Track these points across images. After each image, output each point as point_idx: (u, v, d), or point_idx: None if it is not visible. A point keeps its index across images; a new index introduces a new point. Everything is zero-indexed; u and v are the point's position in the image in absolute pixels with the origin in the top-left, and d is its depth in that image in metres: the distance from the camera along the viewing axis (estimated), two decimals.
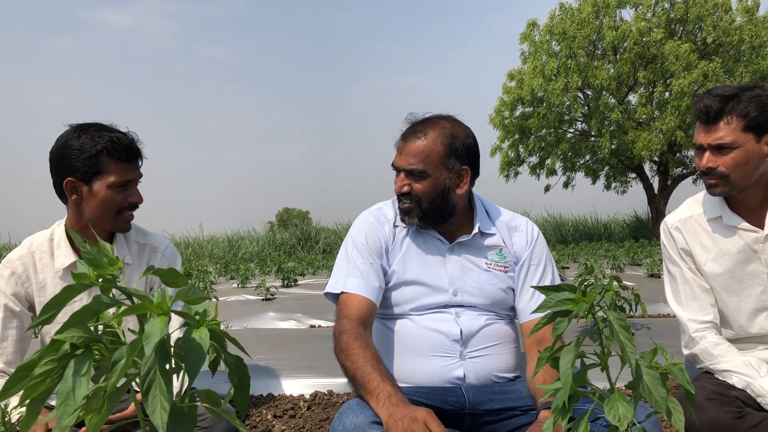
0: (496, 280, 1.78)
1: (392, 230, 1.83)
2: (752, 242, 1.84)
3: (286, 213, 39.28)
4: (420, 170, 1.72)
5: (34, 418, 0.70)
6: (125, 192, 1.80)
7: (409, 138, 1.75)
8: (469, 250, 1.81)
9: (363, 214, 1.89)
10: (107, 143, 1.75)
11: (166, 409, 0.63)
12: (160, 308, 0.67)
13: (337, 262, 1.82)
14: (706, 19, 18.37)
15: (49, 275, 1.85)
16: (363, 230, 1.82)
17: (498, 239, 1.83)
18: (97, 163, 1.75)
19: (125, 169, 1.79)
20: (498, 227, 1.86)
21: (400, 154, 1.76)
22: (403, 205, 1.77)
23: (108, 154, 1.76)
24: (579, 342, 0.86)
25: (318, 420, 2.46)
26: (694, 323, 1.87)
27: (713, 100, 1.74)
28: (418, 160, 1.72)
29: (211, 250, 22.34)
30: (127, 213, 1.84)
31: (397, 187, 1.76)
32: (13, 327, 1.81)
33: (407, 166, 1.73)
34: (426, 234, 1.81)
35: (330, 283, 1.78)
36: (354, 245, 1.80)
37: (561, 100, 19.09)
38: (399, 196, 1.78)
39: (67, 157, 1.75)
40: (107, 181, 1.76)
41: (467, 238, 1.80)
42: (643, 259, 10.33)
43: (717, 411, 1.64)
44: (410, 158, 1.73)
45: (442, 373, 1.67)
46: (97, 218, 1.80)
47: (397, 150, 1.78)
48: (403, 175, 1.76)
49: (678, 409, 0.86)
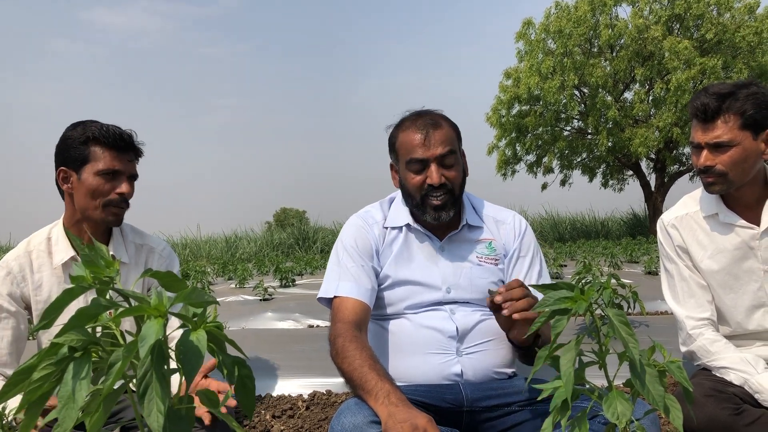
0: (487, 274, 1.78)
1: (382, 231, 1.82)
2: (749, 239, 1.84)
3: (284, 213, 39.26)
4: (452, 151, 1.71)
5: (33, 421, 0.70)
6: (113, 182, 1.82)
7: (428, 128, 1.71)
8: (460, 246, 1.81)
9: (351, 218, 1.89)
10: (95, 131, 1.79)
11: (162, 412, 0.63)
12: (157, 310, 0.67)
13: (329, 267, 1.81)
14: (705, 16, 18.40)
15: (45, 274, 1.85)
16: (352, 233, 1.82)
17: (487, 232, 1.84)
18: (86, 150, 1.79)
19: (113, 158, 1.81)
20: (485, 220, 1.87)
21: (427, 146, 1.69)
22: (438, 200, 1.71)
23: (95, 140, 1.80)
24: (579, 340, 0.86)
25: (316, 420, 2.46)
26: (692, 320, 1.88)
27: (710, 99, 1.74)
28: (448, 143, 1.71)
29: (208, 250, 22.34)
30: (115, 207, 1.83)
31: (436, 179, 1.68)
32: (8, 327, 1.80)
33: (442, 152, 1.69)
34: (416, 233, 1.81)
35: (322, 288, 1.78)
36: (344, 249, 1.79)
37: (557, 98, 19.11)
38: (430, 192, 1.71)
39: (62, 149, 1.81)
40: (95, 168, 1.79)
41: (456, 232, 1.81)
42: (641, 257, 10.36)
43: (715, 408, 1.65)
44: (440, 146, 1.69)
45: (440, 370, 1.67)
46: (84, 208, 1.82)
47: (416, 144, 1.71)
48: (435, 165, 1.70)
49: (676, 407, 0.86)
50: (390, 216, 1.85)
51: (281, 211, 40.07)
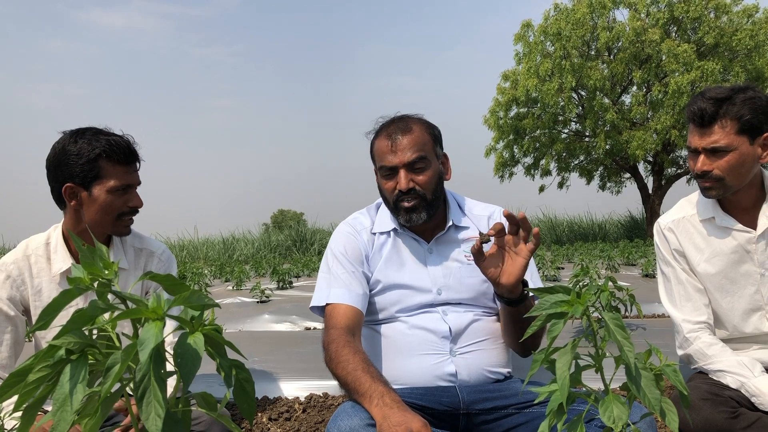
0: (477, 273, 1.78)
1: (370, 237, 1.84)
2: (745, 242, 1.85)
3: (281, 215, 39.26)
4: (422, 157, 1.72)
5: (29, 424, 0.70)
6: (125, 196, 1.80)
7: (397, 134, 1.74)
8: (448, 246, 1.82)
9: (340, 225, 1.90)
10: (105, 146, 1.74)
11: (160, 416, 0.63)
12: (155, 313, 0.67)
13: (320, 276, 1.82)
14: (703, 19, 18.45)
15: (45, 279, 1.84)
16: (341, 240, 1.83)
17: (473, 231, 1.85)
18: (96, 167, 1.74)
19: (124, 173, 1.79)
20: (472, 219, 1.88)
21: (395, 152, 1.72)
22: (408, 203, 1.73)
23: (107, 157, 1.75)
24: (575, 344, 0.86)
25: (313, 422, 2.46)
26: (688, 324, 1.88)
27: (707, 103, 1.74)
28: (417, 149, 1.72)
29: (206, 252, 22.30)
30: (127, 218, 1.83)
31: (404, 185, 1.71)
32: (8, 331, 1.80)
33: (409, 159, 1.71)
34: (404, 237, 1.82)
35: (314, 297, 1.79)
36: (334, 256, 1.81)
37: (555, 101, 19.14)
38: (400, 198, 1.74)
39: (65, 163, 1.74)
40: (107, 185, 1.75)
41: (443, 233, 1.82)
42: (638, 259, 10.37)
43: (711, 411, 1.65)
44: (408, 151, 1.72)
45: (434, 370, 1.67)
46: (96, 223, 1.79)
47: (385, 151, 1.74)
48: (403, 171, 1.72)
49: (672, 410, 0.86)
50: (377, 221, 1.87)
51: (279, 212, 40.07)
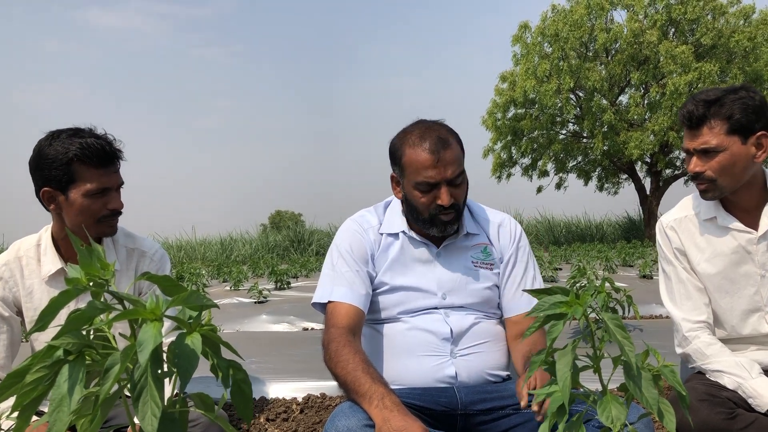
0: (483, 279, 1.78)
1: (377, 237, 1.81)
2: (746, 243, 1.85)
3: (279, 215, 39.26)
4: (461, 172, 1.70)
5: (25, 425, 0.70)
6: (103, 198, 1.75)
7: (439, 149, 1.65)
8: (456, 252, 1.80)
9: (346, 222, 1.87)
10: (78, 150, 1.68)
11: (156, 416, 0.62)
12: (153, 314, 0.67)
13: (323, 272, 1.80)
14: (700, 21, 18.49)
15: (36, 281, 1.83)
16: (347, 238, 1.80)
17: (483, 237, 1.84)
18: (69, 171, 1.69)
19: (100, 176, 1.73)
20: (482, 225, 1.87)
21: (438, 168, 1.64)
22: (447, 216, 1.69)
23: (79, 161, 1.69)
24: (575, 345, 0.86)
25: (311, 423, 2.46)
26: (688, 323, 1.88)
27: (696, 105, 1.75)
28: (458, 165, 1.68)
29: (203, 252, 22.27)
30: (107, 220, 1.79)
31: (447, 200, 1.65)
32: (3, 332, 1.80)
33: (452, 175, 1.66)
34: (413, 240, 1.80)
35: (316, 293, 1.77)
36: (339, 254, 1.78)
37: (553, 102, 19.17)
38: (440, 211, 1.68)
39: (41, 167, 1.71)
40: (82, 189, 1.71)
41: (454, 240, 1.80)
42: (636, 260, 10.38)
43: (708, 412, 1.65)
44: (450, 167, 1.66)
45: (434, 372, 1.67)
46: (77, 226, 1.75)
47: (427, 166, 1.65)
48: (446, 187, 1.66)
49: (669, 411, 0.86)
50: (385, 222, 1.84)
51: (276, 213, 40.07)
